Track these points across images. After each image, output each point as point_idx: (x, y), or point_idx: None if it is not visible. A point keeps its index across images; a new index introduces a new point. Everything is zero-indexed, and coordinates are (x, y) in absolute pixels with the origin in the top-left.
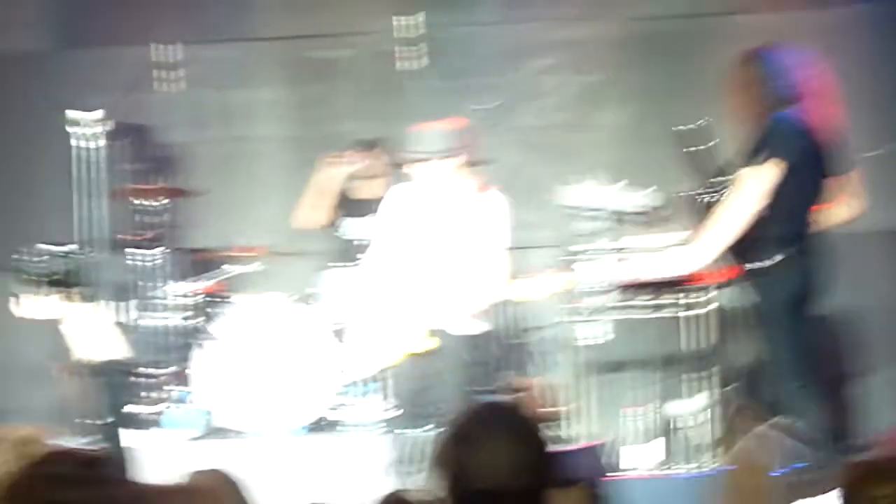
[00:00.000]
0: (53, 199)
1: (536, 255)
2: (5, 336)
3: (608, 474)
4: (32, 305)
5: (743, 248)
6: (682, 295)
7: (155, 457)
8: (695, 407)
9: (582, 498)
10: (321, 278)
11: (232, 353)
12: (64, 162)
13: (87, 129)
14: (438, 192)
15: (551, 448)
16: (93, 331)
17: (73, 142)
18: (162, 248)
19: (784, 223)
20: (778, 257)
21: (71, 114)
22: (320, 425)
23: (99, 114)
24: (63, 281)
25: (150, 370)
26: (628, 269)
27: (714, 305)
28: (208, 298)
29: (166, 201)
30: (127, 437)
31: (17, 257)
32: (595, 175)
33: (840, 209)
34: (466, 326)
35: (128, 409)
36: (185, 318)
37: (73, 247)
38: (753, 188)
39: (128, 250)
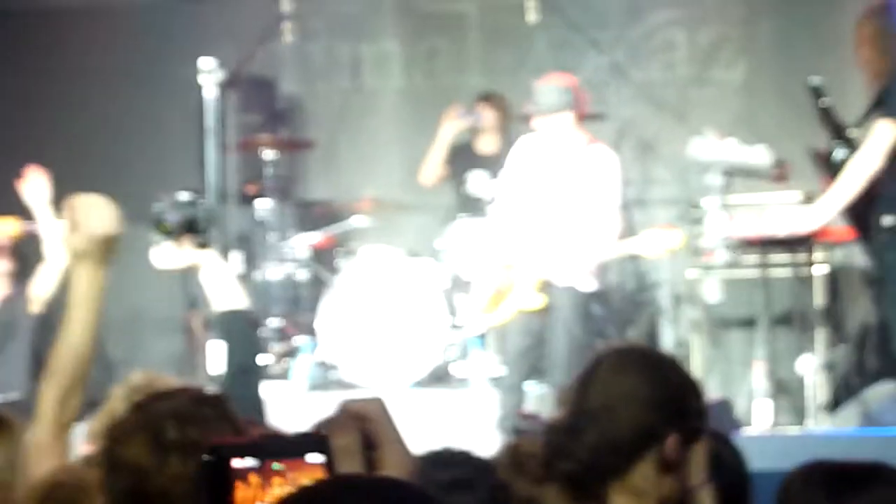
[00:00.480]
0: (175, 149)
1: (654, 210)
2: (134, 288)
3: (733, 429)
4: (169, 254)
5: (861, 208)
6: (799, 252)
7: (279, 407)
8: (810, 366)
9: (711, 450)
10: (446, 232)
11: (351, 306)
12: (185, 113)
13: (212, 79)
14: (555, 145)
15: (684, 388)
16: (223, 280)
17: (203, 93)
18: (281, 200)
19: None
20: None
21: (201, 63)
22: (433, 379)
23: (220, 65)
24: (199, 229)
25: (275, 321)
26: (747, 225)
27: (829, 265)
28: (328, 251)
29: (283, 153)
30: (258, 386)
31: (154, 206)
32: (714, 131)
33: None
34: (579, 282)
35: (257, 359)
36: (306, 271)
37: (204, 196)
38: (874, 146)
39: (248, 202)
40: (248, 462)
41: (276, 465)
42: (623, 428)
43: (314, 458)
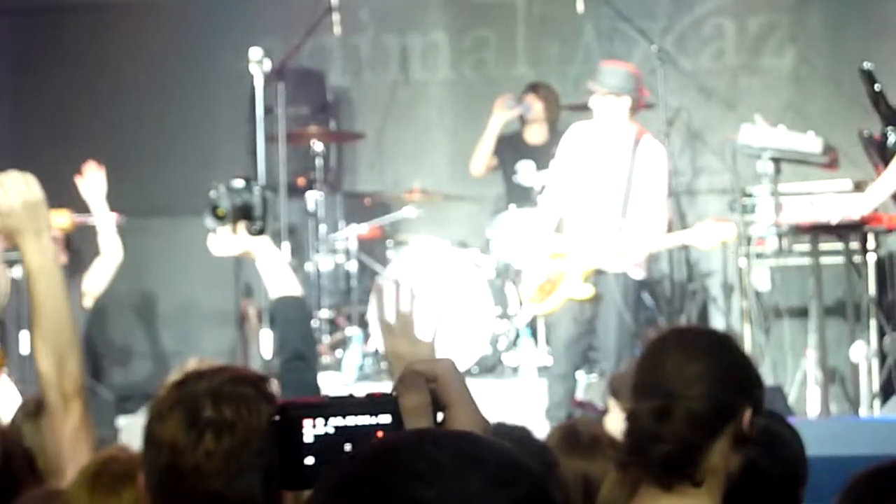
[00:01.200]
0: (226, 140)
1: (704, 199)
2: (186, 279)
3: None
4: (224, 241)
5: None
6: (851, 240)
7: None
8: (862, 354)
9: (769, 429)
10: (495, 222)
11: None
12: (236, 104)
13: (262, 68)
14: (606, 134)
15: (748, 363)
16: (278, 267)
17: (254, 83)
18: (330, 192)
19: None
20: None
21: (252, 53)
22: (483, 369)
23: (268, 56)
24: (253, 215)
25: (326, 312)
26: (798, 212)
27: (881, 252)
28: (378, 241)
29: (331, 145)
30: (315, 372)
31: (210, 192)
32: (764, 118)
33: None
34: (630, 270)
35: (312, 345)
36: (356, 262)
37: (259, 183)
38: None
39: (297, 193)
40: (318, 423)
41: None
42: (705, 405)
43: (382, 419)
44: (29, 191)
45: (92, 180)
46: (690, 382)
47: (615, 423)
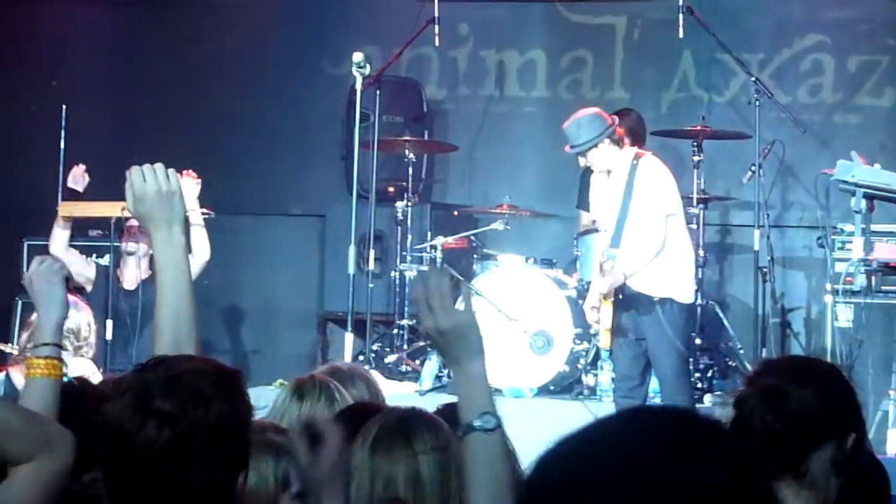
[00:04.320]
0: (318, 144)
1: (794, 234)
2: (270, 278)
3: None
4: None
5: None
6: None
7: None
8: None
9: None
10: (580, 242)
11: (483, 310)
12: (331, 108)
13: (361, 74)
14: (604, 169)
15: (856, 397)
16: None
17: (354, 87)
18: (419, 202)
19: None
20: None
21: (354, 57)
22: (561, 389)
23: (367, 63)
24: None
25: (406, 321)
26: (887, 251)
27: None
28: (463, 254)
29: (424, 155)
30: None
31: None
32: (859, 155)
33: None
34: (676, 294)
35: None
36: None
37: None
38: None
39: (387, 200)
40: None
41: None
42: (816, 406)
43: None
44: (166, 181)
45: (187, 185)
46: (807, 381)
47: None
